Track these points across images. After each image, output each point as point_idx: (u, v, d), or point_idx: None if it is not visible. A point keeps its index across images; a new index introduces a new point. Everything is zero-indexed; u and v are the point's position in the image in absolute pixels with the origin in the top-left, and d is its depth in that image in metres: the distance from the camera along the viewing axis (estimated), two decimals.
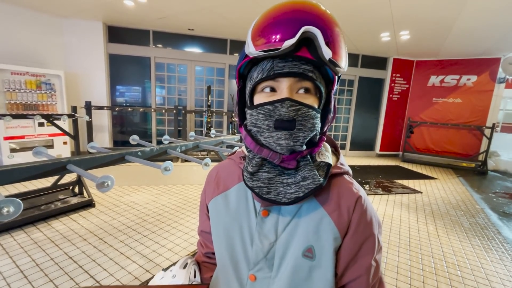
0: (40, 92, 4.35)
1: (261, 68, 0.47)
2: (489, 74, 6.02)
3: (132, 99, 5.85)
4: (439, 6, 3.53)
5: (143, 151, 1.15)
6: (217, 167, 0.65)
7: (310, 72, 0.45)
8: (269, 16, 0.46)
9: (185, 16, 4.50)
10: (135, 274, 1.94)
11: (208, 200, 0.61)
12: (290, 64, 0.44)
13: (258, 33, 0.45)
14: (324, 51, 0.42)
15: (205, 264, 0.67)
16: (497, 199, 4.21)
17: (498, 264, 2.34)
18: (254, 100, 0.50)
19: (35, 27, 4.52)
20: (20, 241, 2.27)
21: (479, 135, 6.23)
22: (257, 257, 0.52)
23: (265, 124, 0.46)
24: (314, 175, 0.48)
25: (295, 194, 0.47)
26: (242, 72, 0.52)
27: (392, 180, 4.84)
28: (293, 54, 0.43)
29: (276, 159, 0.47)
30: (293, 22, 0.43)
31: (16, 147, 4.13)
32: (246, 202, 0.55)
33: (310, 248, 0.49)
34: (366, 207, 0.52)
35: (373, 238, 0.52)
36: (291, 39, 0.41)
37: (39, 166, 0.85)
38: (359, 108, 6.99)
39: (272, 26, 0.44)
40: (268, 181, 0.49)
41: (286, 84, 0.45)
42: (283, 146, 0.46)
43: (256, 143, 0.49)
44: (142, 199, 3.34)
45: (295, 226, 0.50)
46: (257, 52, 0.44)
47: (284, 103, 0.44)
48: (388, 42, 5.34)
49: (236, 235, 0.54)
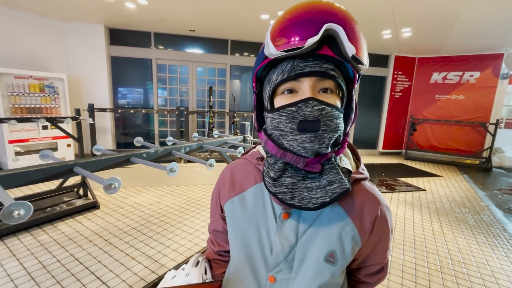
0: (43, 95, 4.39)
1: (281, 69, 0.46)
2: (492, 70, 5.98)
3: (134, 101, 5.87)
4: (440, 2, 3.51)
5: (148, 152, 1.15)
6: (231, 167, 0.63)
7: (332, 70, 0.45)
8: (288, 16, 0.45)
9: (186, 17, 4.51)
10: (141, 275, 1.95)
11: (224, 201, 0.60)
12: (311, 63, 0.44)
13: (278, 33, 0.45)
14: (347, 47, 0.42)
15: (216, 261, 0.68)
16: (502, 196, 4.18)
17: (504, 261, 2.33)
18: (274, 103, 0.49)
19: (38, 31, 4.56)
20: (26, 243, 2.30)
21: (483, 131, 6.18)
22: (277, 259, 0.52)
23: (288, 127, 0.45)
24: (341, 179, 0.46)
25: (322, 199, 0.46)
26: (259, 76, 0.51)
27: (396, 178, 4.82)
28: (315, 52, 0.43)
29: (301, 163, 0.46)
30: (314, 20, 0.42)
31: (21, 150, 4.17)
32: (264, 204, 0.54)
33: (333, 253, 0.50)
34: (386, 214, 0.54)
35: (389, 233, 0.56)
36: (314, 37, 0.41)
37: (47, 169, 0.85)
38: (361, 106, 6.96)
39: (292, 25, 0.44)
40: (292, 186, 0.48)
41: (308, 84, 0.44)
42: (308, 149, 0.45)
43: (279, 148, 0.48)
44: (146, 200, 3.36)
45: (317, 230, 0.50)
46: (279, 53, 0.43)
47: (308, 103, 0.43)
48: (389, 39, 5.31)
49: (253, 236, 0.54)
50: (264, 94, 0.52)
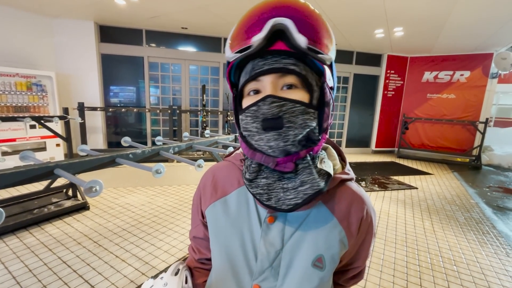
0: (31, 93, 4.27)
1: (245, 71, 0.47)
2: (482, 69, 6.08)
3: (126, 99, 5.77)
4: (432, 2, 3.54)
5: (134, 153, 1.12)
6: (213, 170, 0.61)
7: (292, 65, 0.43)
8: (241, 20, 0.46)
9: (178, 15, 4.44)
10: (130, 278, 1.92)
11: (205, 206, 0.58)
12: (270, 60, 0.43)
13: (232, 37, 0.46)
14: (298, 38, 0.40)
15: (198, 269, 0.65)
16: (491, 193, 4.25)
17: (493, 258, 2.37)
18: (242, 104, 0.49)
19: (25, 28, 4.43)
20: (12, 246, 2.23)
21: (473, 130, 6.29)
22: (262, 266, 0.50)
23: (254, 127, 0.44)
24: (313, 180, 0.45)
25: (294, 201, 0.44)
26: (234, 80, 0.51)
27: (388, 177, 4.86)
28: (266, 49, 0.42)
29: (271, 162, 0.45)
30: (262, 17, 0.43)
31: (8, 150, 4.05)
32: (248, 208, 0.52)
33: (321, 257, 0.48)
34: (372, 214, 0.54)
35: (371, 235, 0.55)
36: (259, 34, 0.41)
37: (25, 171, 0.82)
38: (354, 105, 7.01)
39: (243, 27, 0.45)
40: (268, 187, 0.47)
41: (268, 81, 0.44)
42: (274, 147, 0.44)
43: (249, 148, 0.47)
44: (138, 201, 3.30)
45: (303, 233, 0.49)
46: (233, 54, 0.45)
47: (265, 101, 0.42)
48: (382, 38, 5.35)
49: (236, 243, 0.52)
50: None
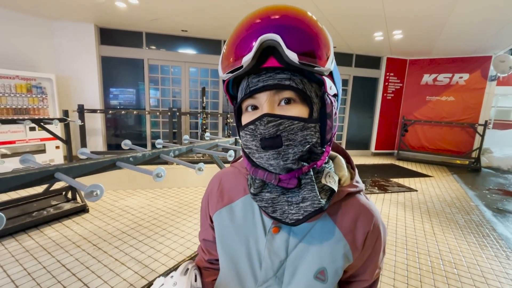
0: (31, 96, 4.27)
1: (241, 88, 0.46)
2: (480, 72, 6.10)
3: (126, 102, 5.78)
4: (430, 4, 3.56)
5: (135, 156, 1.12)
6: (220, 175, 0.61)
7: (287, 80, 0.41)
8: (230, 37, 0.44)
9: (178, 17, 4.46)
10: (130, 281, 1.91)
11: (212, 212, 0.59)
12: (264, 77, 0.42)
13: (223, 56, 0.45)
14: (288, 55, 0.39)
15: (207, 269, 0.66)
16: (491, 196, 4.25)
17: (494, 261, 2.36)
18: (242, 120, 0.47)
19: (25, 30, 4.44)
20: (11, 249, 2.22)
21: (472, 132, 6.30)
22: (267, 275, 0.50)
23: (254, 145, 0.44)
24: (313, 197, 0.44)
25: (295, 216, 0.44)
26: (233, 93, 0.50)
27: (388, 179, 4.86)
28: (259, 67, 0.41)
29: (273, 179, 0.44)
30: (250, 35, 0.41)
31: (8, 152, 4.04)
32: (253, 217, 0.53)
33: (323, 270, 0.48)
34: (380, 228, 0.52)
35: (380, 249, 0.53)
36: (248, 54, 0.40)
37: (25, 175, 0.81)
38: (354, 107, 7.02)
39: (233, 45, 0.43)
40: (272, 201, 0.47)
41: (264, 99, 0.43)
42: (275, 166, 0.43)
43: (251, 165, 0.47)
44: (137, 203, 3.29)
45: (307, 245, 0.49)
46: (225, 75, 0.44)
47: (262, 120, 0.41)
48: (381, 41, 5.37)
49: (242, 250, 0.52)
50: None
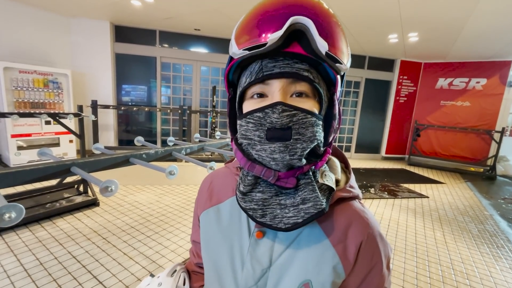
0: (47, 90, 4.39)
1: (249, 71, 0.41)
2: (499, 77, 5.90)
3: (138, 98, 5.87)
4: (449, 8, 3.46)
5: (148, 153, 1.13)
6: (212, 175, 0.59)
7: (306, 71, 0.39)
8: (254, 12, 0.41)
9: (192, 16, 4.50)
10: (138, 275, 1.93)
11: (200, 211, 0.56)
12: (281, 63, 0.39)
13: (242, 30, 0.40)
14: (318, 43, 0.36)
15: (196, 273, 0.64)
16: (507, 206, 4.11)
17: (508, 273, 2.28)
18: (243, 108, 0.44)
19: (43, 26, 4.57)
20: (24, 239, 2.29)
21: (488, 139, 6.11)
22: (247, 283, 0.45)
23: (256, 135, 0.40)
24: (316, 197, 0.41)
25: (293, 219, 0.40)
26: (232, 79, 0.46)
27: (398, 184, 4.77)
28: (281, 50, 0.37)
29: (271, 177, 0.41)
30: (280, 13, 0.37)
31: (24, 144, 4.18)
32: (240, 219, 0.48)
33: (308, 283, 0.42)
34: (377, 239, 0.45)
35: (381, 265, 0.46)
36: (277, 32, 0.36)
37: (43, 168, 0.84)
38: (365, 110, 6.91)
39: (256, 21, 0.39)
40: (263, 203, 0.42)
41: (278, 86, 0.39)
42: (278, 160, 0.39)
43: (247, 159, 0.43)
44: (146, 199, 3.34)
45: (293, 254, 0.44)
46: (241, 51, 0.39)
47: (275, 108, 0.38)
48: (395, 43, 5.27)
49: (225, 254, 0.48)
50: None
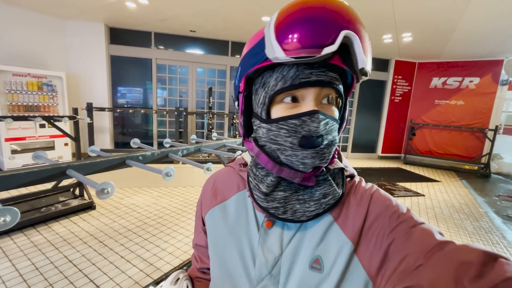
0: (41, 93, 4.35)
1: (281, 74, 0.40)
2: (491, 76, 5.99)
3: (134, 101, 5.85)
4: (442, 8, 3.51)
5: (144, 155, 1.13)
6: (214, 176, 0.60)
7: (337, 80, 0.41)
8: (299, 13, 0.37)
9: (187, 18, 4.49)
10: (135, 279, 1.92)
11: (205, 212, 0.56)
12: (317, 71, 0.39)
13: (287, 33, 0.36)
14: (360, 59, 0.37)
15: (199, 279, 0.63)
16: (501, 203, 4.17)
17: None
18: (271, 112, 0.43)
19: (37, 29, 4.53)
20: (20, 244, 2.26)
21: (481, 137, 6.19)
22: (261, 273, 0.46)
23: (288, 141, 0.41)
24: (334, 191, 0.45)
25: (315, 212, 0.44)
26: (251, 75, 0.45)
27: (394, 183, 4.80)
28: (327, 62, 0.38)
29: (297, 178, 0.43)
30: (330, 24, 0.36)
31: (18, 148, 4.13)
32: (246, 213, 0.50)
33: (318, 258, 0.44)
34: (380, 193, 0.46)
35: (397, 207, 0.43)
36: (331, 46, 0.35)
37: (38, 171, 0.83)
38: (361, 110, 6.96)
39: (305, 27, 0.36)
40: (284, 200, 0.45)
41: (313, 94, 0.40)
42: (308, 165, 0.41)
43: (274, 162, 0.44)
44: (143, 202, 3.32)
45: (302, 237, 0.46)
46: (288, 58, 0.36)
47: (314, 117, 0.39)
48: (390, 44, 5.32)
49: (234, 249, 0.50)
50: (254, 98, 0.46)
